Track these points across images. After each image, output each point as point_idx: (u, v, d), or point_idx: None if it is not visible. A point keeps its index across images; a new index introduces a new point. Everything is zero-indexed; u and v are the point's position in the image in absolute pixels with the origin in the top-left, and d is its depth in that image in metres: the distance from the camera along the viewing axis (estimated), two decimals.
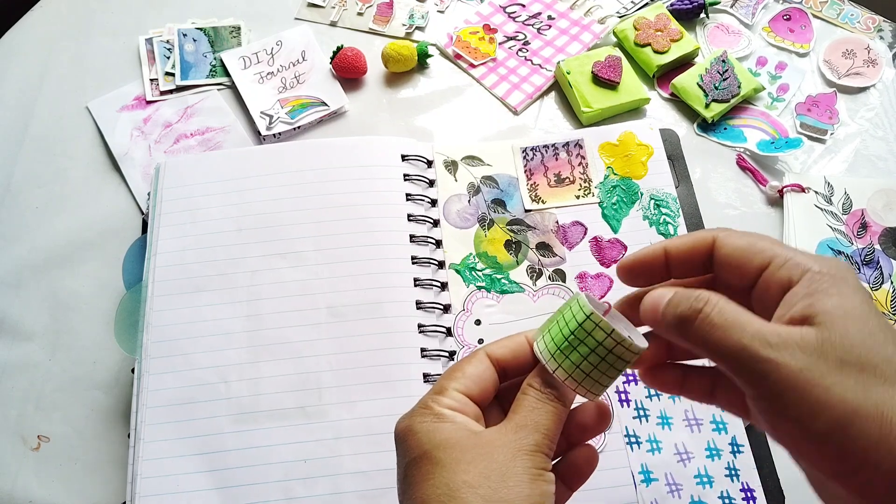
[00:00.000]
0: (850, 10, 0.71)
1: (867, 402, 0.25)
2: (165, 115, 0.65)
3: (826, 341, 0.26)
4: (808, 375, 0.26)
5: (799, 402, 0.26)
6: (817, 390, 0.25)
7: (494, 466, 0.29)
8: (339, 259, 0.53)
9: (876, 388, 0.25)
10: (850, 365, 0.26)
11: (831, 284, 0.28)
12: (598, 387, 0.32)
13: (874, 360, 0.26)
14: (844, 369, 0.26)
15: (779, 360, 0.26)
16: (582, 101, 0.62)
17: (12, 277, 0.57)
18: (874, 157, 0.62)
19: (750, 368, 0.27)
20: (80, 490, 0.49)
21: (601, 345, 0.32)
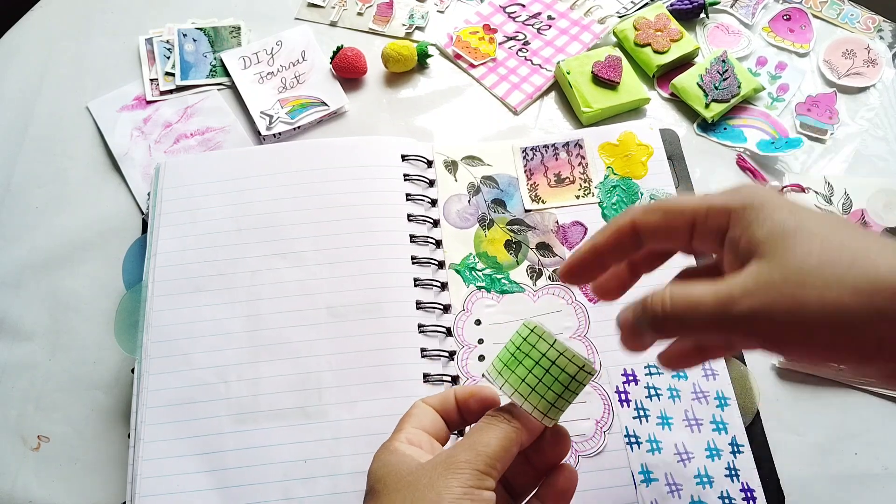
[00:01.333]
0: (850, 10, 0.71)
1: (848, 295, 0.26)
2: (165, 115, 0.65)
3: (781, 266, 0.27)
4: (785, 304, 0.26)
5: (792, 329, 0.27)
6: (802, 311, 0.26)
7: (420, 490, 0.29)
8: (339, 259, 0.53)
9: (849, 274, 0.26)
10: (814, 272, 0.26)
11: (757, 211, 0.29)
12: (544, 403, 0.32)
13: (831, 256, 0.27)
14: (809, 279, 0.26)
15: (754, 306, 0.27)
16: (582, 101, 0.62)
17: (12, 277, 0.57)
18: (874, 157, 0.62)
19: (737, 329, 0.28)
20: (80, 490, 0.49)
21: (545, 356, 0.32)
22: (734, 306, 0.27)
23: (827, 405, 0.50)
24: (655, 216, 0.32)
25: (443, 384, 0.50)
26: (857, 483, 0.48)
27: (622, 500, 0.46)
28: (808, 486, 0.47)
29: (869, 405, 0.51)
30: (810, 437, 0.49)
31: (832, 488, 0.47)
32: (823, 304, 0.26)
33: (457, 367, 0.51)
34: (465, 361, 0.51)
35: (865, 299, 0.25)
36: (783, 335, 0.27)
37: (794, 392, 0.50)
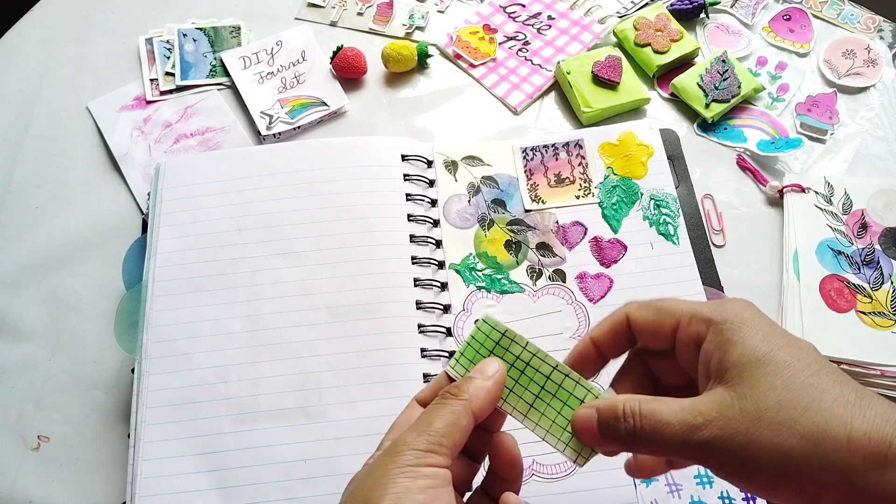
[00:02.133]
0: (850, 10, 0.71)
1: (795, 440, 0.27)
2: (165, 115, 0.65)
3: (741, 398, 0.28)
4: (738, 440, 0.27)
5: (742, 464, 0.28)
6: (752, 448, 0.27)
7: (363, 481, 0.29)
8: (339, 259, 0.53)
9: (801, 419, 0.27)
10: (770, 411, 0.27)
11: (734, 331, 0.30)
12: None
13: (789, 396, 0.27)
14: (764, 418, 0.27)
15: (703, 438, 0.28)
16: (582, 101, 0.62)
17: (12, 277, 0.57)
18: (874, 157, 0.62)
19: (697, 456, 0.29)
20: (80, 490, 0.49)
21: (488, 337, 0.33)
22: (695, 434, 0.28)
23: None
24: (647, 312, 0.33)
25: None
26: None
27: (622, 500, 0.46)
28: None
29: None
30: None
31: None
32: (772, 445, 0.27)
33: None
34: None
35: (811, 447, 0.26)
36: (734, 469, 0.28)
37: None
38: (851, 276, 0.55)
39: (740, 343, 0.29)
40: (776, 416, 0.27)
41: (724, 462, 0.28)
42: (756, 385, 0.28)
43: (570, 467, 0.47)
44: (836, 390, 0.27)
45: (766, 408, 0.27)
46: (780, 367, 0.28)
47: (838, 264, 0.56)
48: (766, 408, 0.27)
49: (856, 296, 0.54)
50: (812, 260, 0.56)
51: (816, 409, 0.27)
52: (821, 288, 0.55)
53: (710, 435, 0.28)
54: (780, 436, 0.27)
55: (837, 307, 0.54)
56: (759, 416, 0.27)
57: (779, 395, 0.28)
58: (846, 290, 0.54)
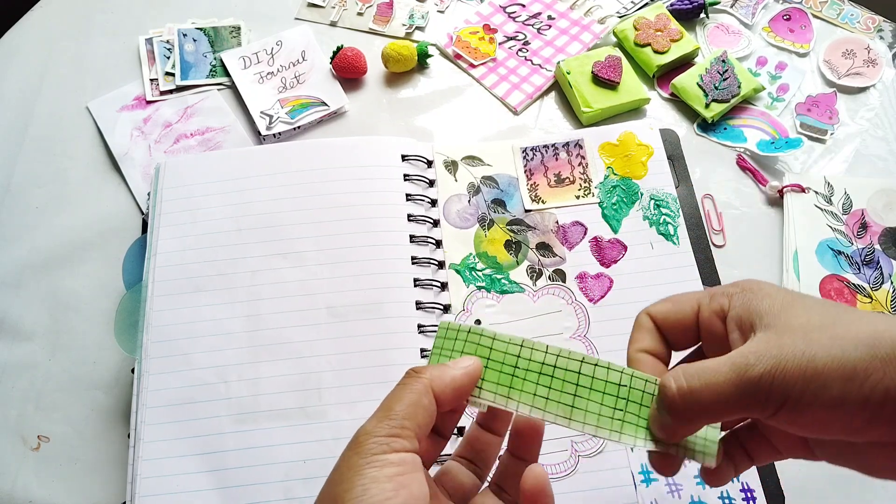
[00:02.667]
0: (850, 10, 0.71)
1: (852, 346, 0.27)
2: (165, 115, 0.65)
3: (786, 329, 0.29)
4: (796, 363, 0.27)
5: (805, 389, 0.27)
6: (811, 368, 0.27)
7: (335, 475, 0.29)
8: (339, 259, 0.53)
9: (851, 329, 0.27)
10: (817, 331, 0.28)
11: (755, 291, 0.31)
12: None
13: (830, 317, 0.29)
14: (814, 337, 0.28)
15: (769, 367, 0.28)
16: (582, 101, 0.62)
17: (12, 277, 0.57)
18: (874, 157, 0.62)
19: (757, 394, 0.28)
20: (80, 490, 0.49)
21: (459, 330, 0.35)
22: (750, 370, 0.28)
23: None
24: (665, 304, 0.35)
25: None
26: (857, 483, 0.48)
27: (622, 500, 0.46)
28: (808, 486, 0.47)
29: None
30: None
31: (832, 488, 0.47)
32: (831, 356, 0.27)
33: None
34: None
35: (868, 350, 0.26)
36: (797, 397, 0.27)
37: None
38: (851, 276, 0.55)
39: (767, 296, 0.31)
40: (825, 334, 0.28)
41: (787, 391, 0.27)
42: (796, 317, 0.29)
43: (571, 467, 0.47)
44: (867, 315, 0.29)
45: (813, 329, 0.28)
46: (808, 305, 0.30)
47: (838, 264, 0.56)
48: (813, 329, 0.28)
49: (856, 296, 0.54)
50: (812, 260, 0.56)
51: (858, 325, 0.28)
52: (821, 288, 0.55)
53: (767, 366, 0.27)
54: (835, 347, 0.27)
55: None
56: (808, 337, 0.28)
57: (821, 318, 0.29)
58: (846, 290, 0.54)
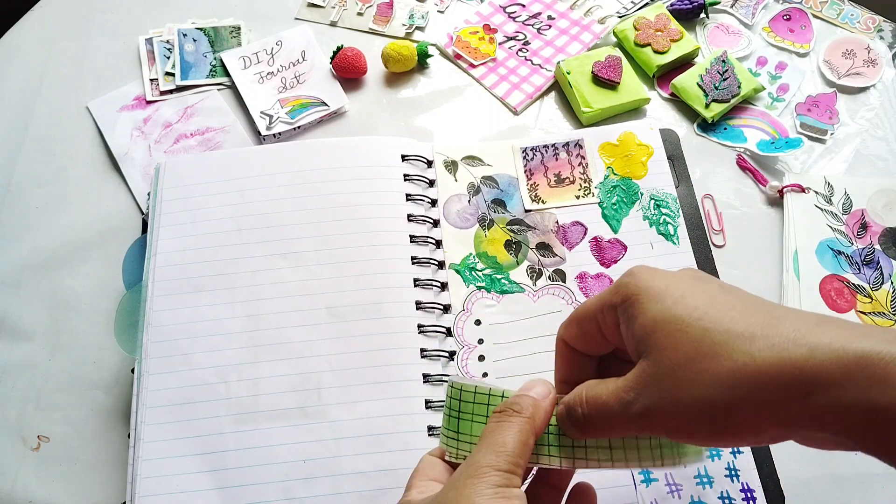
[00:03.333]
0: (850, 10, 0.71)
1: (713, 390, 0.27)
2: (165, 115, 0.65)
3: (656, 364, 0.29)
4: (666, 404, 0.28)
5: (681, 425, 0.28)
6: (680, 408, 0.28)
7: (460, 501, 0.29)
8: (339, 259, 0.53)
9: (711, 368, 0.27)
10: (681, 369, 0.28)
11: (633, 305, 0.30)
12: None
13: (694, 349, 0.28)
14: (679, 376, 0.28)
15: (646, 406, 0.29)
16: (582, 101, 0.62)
17: (12, 277, 0.57)
18: (874, 157, 0.62)
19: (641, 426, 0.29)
20: (80, 490, 0.49)
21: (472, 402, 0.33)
22: (630, 407, 0.29)
23: None
24: (573, 328, 0.34)
25: (443, 384, 0.50)
26: (857, 483, 0.48)
27: (622, 500, 0.46)
28: (808, 486, 0.47)
29: None
30: None
31: (832, 488, 0.47)
32: (694, 401, 0.27)
33: (457, 368, 0.51)
34: (465, 362, 0.51)
35: (729, 393, 0.27)
36: (676, 430, 0.29)
37: None
38: (851, 276, 0.55)
39: (640, 314, 0.30)
40: (688, 373, 0.28)
41: (666, 427, 0.29)
42: (663, 348, 0.29)
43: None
44: (742, 325, 0.27)
45: (678, 366, 0.28)
46: (679, 323, 0.28)
47: (838, 264, 0.56)
48: (678, 366, 0.28)
49: (856, 296, 0.54)
50: (812, 260, 0.56)
51: (722, 354, 0.27)
52: (821, 288, 0.55)
53: (643, 406, 0.29)
54: (699, 389, 0.27)
55: (837, 307, 0.54)
56: (674, 376, 0.28)
57: (685, 350, 0.28)
58: (846, 290, 0.54)
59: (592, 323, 0.33)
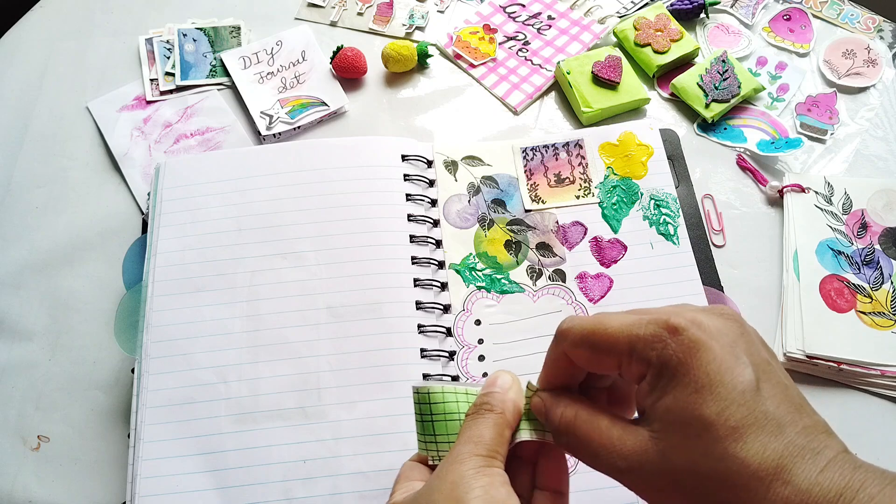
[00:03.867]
0: (850, 10, 0.71)
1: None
2: (165, 115, 0.65)
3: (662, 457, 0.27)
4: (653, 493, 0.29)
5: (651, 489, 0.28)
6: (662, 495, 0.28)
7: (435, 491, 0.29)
8: (339, 259, 0.53)
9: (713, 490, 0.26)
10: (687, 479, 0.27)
11: (668, 378, 0.27)
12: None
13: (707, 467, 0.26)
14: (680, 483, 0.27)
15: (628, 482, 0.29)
16: (582, 101, 0.62)
17: (12, 277, 0.57)
18: (874, 157, 0.62)
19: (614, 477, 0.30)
20: (80, 490, 0.49)
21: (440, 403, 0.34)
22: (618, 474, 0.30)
23: (827, 405, 0.50)
24: (583, 351, 0.31)
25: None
26: None
27: (622, 500, 0.46)
28: None
29: (869, 405, 0.51)
30: None
31: None
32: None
33: (457, 368, 0.51)
34: (465, 361, 0.51)
35: None
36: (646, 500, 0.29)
37: None
38: (851, 276, 0.55)
39: (671, 395, 0.27)
40: (689, 486, 0.27)
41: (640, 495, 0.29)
42: (677, 449, 0.27)
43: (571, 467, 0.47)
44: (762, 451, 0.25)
45: (684, 474, 0.27)
46: (703, 429, 0.26)
47: (838, 264, 0.56)
48: (684, 474, 0.27)
49: (856, 296, 0.54)
50: (812, 260, 0.56)
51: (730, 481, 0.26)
52: (821, 288, 0.55)
53: (629, 480, 0.29)
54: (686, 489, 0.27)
55: (837, 307, 0.54)
56: (675, 480, 0.27)
57: (696, 464, 0.26)
58: (846, 290, 0.54)
59: (611, 360, 0.30)
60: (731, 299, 0.52)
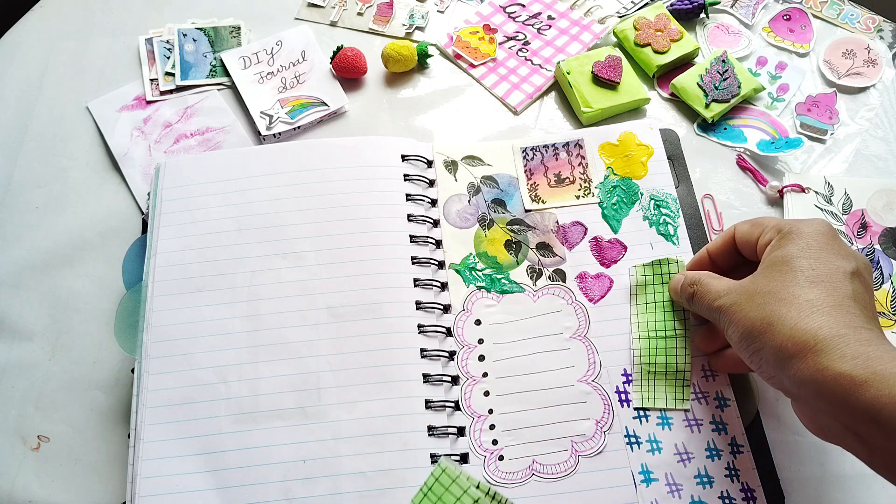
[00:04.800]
0: (850, 10, 0.71)
1: (758, 319, 0.38)
2: (165, 115, 0.65)
3: (752, 282, 0.40)
4: (731, 307, 0.40)
5: (728, 324, 0.40)
6: (736, 315, 0.40)
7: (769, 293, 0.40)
8: (339, 259, 0.53)
9: (771, 305, 0.37)
10: (759, 295, 0.39)
11: (786, 238, 0.40)
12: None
13: (778, 288, 0.38)
14: (753, 298, 0.39)
15: (719, 304, 0.41)
16: (582, 101, 0.62)
17: (12, 277, 0.57)
18: (874, 157, 0.62)
19: (713, 315, 0.43)
20: (80, 490, 0.49)
21: None
22: (716, 301, 0.42)
23: None
24: (746, 226, 0.45)
25: (442, 384, 0.50)
26: (857, 483, 0.48)
27: (622, 500, 0.46)
28: (808, 486, 0.47)
29: None
30: (810, 437, 0.49)
31: (832, 488, 0.47)
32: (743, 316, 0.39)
33: (457, 368, 0.51)
34: (465, 361, 0.51)
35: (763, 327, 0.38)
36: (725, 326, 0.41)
37: None
38: None
39: (780, 248, 0.40)
40: (759, 299, 0.38)
41: (724, 321, 0.41)
42: (766, 276, 0.39)
43: (571, 467, 0.47)
44: (817, 298, 0.36)
45: (759, 292, 0.39)
46: (791, 269, 0.38)
47: None
48: (759, 292, 0.39)
49: None
50: None
51: (788, 302, 0.37)
52: None
53: (721, 303, 0.41)
54: (753, 311, 0.38)
55: None
56: (752, 295, 0.39)
57: (773, 285, 0.38)
58: None
59: (758, 230, 0.43)
60: None
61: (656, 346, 0.50)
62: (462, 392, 0.50)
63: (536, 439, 0.48)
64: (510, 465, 0.47)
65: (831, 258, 0.38)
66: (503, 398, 0.50)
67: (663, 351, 0.50)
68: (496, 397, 0.50)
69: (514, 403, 0.49)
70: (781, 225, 0.41)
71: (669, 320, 0.50)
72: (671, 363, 0.49)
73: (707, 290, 0.43)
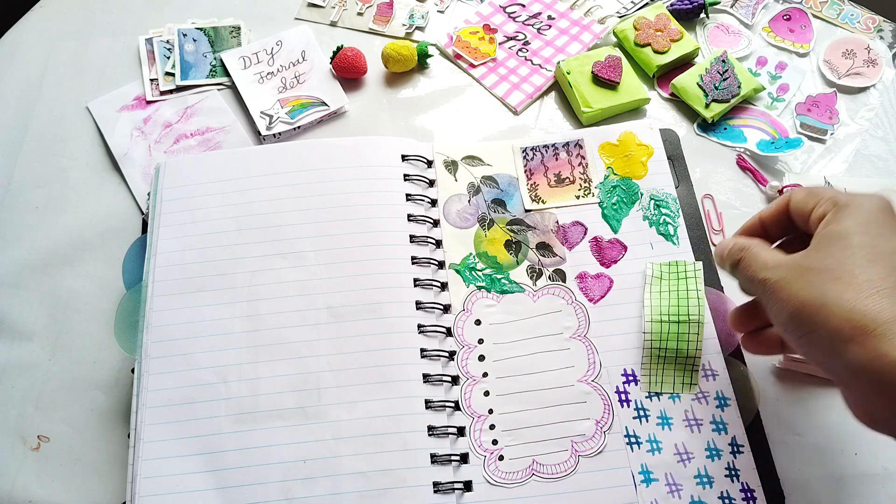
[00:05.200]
0: (850, 10, 0.71)
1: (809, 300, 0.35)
2: (165, 115, 0.65)
3: (805, 257, 0.37)
4: (778, 283, 0.37)
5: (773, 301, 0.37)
6: (782, 293, 0.36)
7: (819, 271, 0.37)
8: (339, 259, 0.53)
9: (824, 286, 0.35)
10: (811, 273, 0.36)
11: (841, 212, 0.37)
12: None
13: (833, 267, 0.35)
14: (805, 276, 0.36)
15: (765, 277, 0.38)
16: (582, 101, 0.62)
17: (12, 277, 0.57)
18: (874, 157, 0.62)
19: (756, 288, 0.40)
20: (80, 490, 0.49)
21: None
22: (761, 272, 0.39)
23: (827, 405, 0.50)
24: (801, 194, 0.41)
25: (442, 384, 0.50)
26: (856, 483, 0.48)
27: (622, 500, 0.46)
28: (808, 486, 0.47)
29: None
30: (810, 437, 0.49)
31: (832, 488, 0.47)
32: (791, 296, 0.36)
33: (457, 367, 0.51)
34: (465, 361, 0.51)
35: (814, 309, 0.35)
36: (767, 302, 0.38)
37: (794, 392, 0.50)
38: None
39: (836, 223, 0.37)
40: (812, 277, 0.35)
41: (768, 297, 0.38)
42: (820, 252, 0.36)
43: (571, 467, 0.47)
44: (877, 277, 0.34)
45: (811, 269, 0.36)
46: (848, 245, 0.35)
47: None
48: (811, 269, 0.36)
49: None
50: None
51: (845, 282, 0.34)
52: None
53: (767, 276, 0.38)
54: (805, 290, 0.35)
55: None
56: (804, 272, 0.36)
57: (828, 262, 0.35)
58: None
59: (814, 201, 0.40)
60: (731, 299, 0.52)
61: (668, 330, 0.50)
62: (462, 392, 0.50)
63: (536, 439, 0.48)
64: (510, 465, 0.47)
65: (892, 235, 0.36)
66: (503, 398, 0.50)
67: (675, 336, 0.50)
68: (496, 397, 0.50)
69: (514, 403, 0.49)
70: (838, 197, 0.38)
71: (684, 306, 0.50)
72: (682, 349, 0.49)
73: (755, 258, 0.39)
